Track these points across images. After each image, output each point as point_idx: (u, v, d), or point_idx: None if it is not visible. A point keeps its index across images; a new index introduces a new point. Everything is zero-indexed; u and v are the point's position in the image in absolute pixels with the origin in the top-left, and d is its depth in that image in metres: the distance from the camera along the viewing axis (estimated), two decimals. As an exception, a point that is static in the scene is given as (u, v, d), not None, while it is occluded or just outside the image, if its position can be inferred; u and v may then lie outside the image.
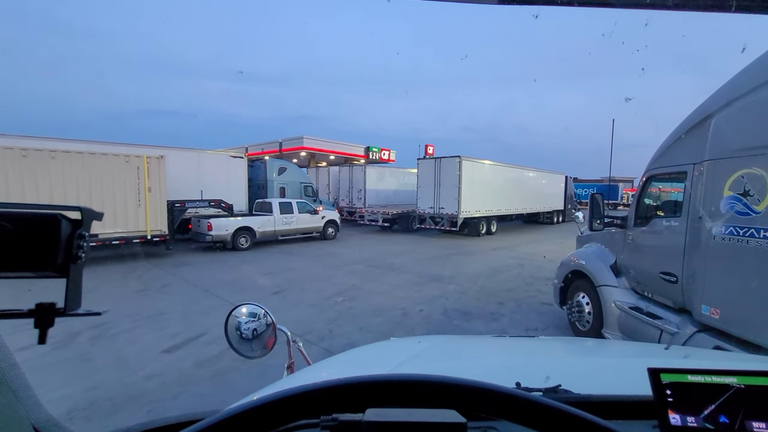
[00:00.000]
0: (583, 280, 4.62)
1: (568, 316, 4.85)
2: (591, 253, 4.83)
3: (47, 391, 3.39)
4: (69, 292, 0.44)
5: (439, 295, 6.84)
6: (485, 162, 16.41)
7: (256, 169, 16.41)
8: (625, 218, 4.20)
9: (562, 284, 5.05)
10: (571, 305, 4.73)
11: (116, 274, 8.31)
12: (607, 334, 4.04)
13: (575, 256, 5.06)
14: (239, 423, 0.40)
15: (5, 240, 0.39)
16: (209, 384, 3.62)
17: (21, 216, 0.41)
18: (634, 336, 3.65)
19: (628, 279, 4.10)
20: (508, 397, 0.43)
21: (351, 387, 0.42)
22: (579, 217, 6.11)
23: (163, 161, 10.46)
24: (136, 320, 5.34)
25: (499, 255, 11.40)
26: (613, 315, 4.03)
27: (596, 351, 1.62)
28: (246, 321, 1.36)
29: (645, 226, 3.79)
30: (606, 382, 1.02)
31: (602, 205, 4.43)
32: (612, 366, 1.28)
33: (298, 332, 4.75)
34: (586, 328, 4.50)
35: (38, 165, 8.55)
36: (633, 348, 1.75)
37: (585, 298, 4.55)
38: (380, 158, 28.07)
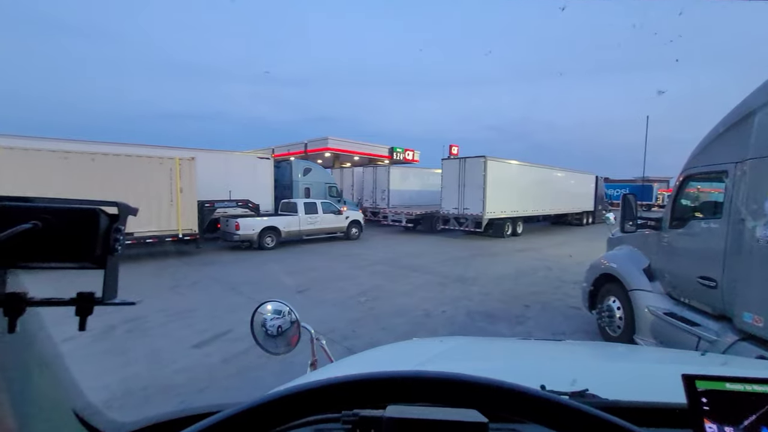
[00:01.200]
0: (614, 284, 4.45)
1: (597, 320, 4.68)
2: (622, 255, 4.64)
3: (86, 380, 3.55)
4: (106, 283, 0.46)
5: (463, 296, 6.75)
6: (511, 162, 16.09)
7: (282, 170, 16.74)
8: (659, 219, 4.01)
9: (592, 288, 4.88)
10: (601, 309, 4.56)
11: (150, 271, 8.68)
12: (640, 340, 3.87)
13: (605, 258, 4.88)
14: (261, 414, 0.41)
15: (49, 233, 0.42)
16: (235, 379, 3.73)
17: (63, 210, 0.43)
18: (669, 343, 3.48)
19: (662, 283, 3.91)
20: (533, 398, 0.42)
21: (372, 382, 0.42)
22: (610, 218, 5.89)
23: (194, 163, 10.86)
24: (167, 315, 5.56)
25: (524, 257, 11.14)
26: (646, 321, 3.86)
27: (627, 356, 1.56)
28: (271, 318, 1.39)
29: (682, 228, 3.61)
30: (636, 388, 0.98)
31: (635, 205, 4.26)
32: (643, 371, 1.22)
33: (321, 331, 4.79)
34: (617, 333, 4.33)
35: (79, 166, 9.06)
36: (667, 354, 1.67)
37: (616, 303, 4.38)
38: (404, 159, 28.01)
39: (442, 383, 0.42)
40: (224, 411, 0.41)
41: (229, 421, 0.40)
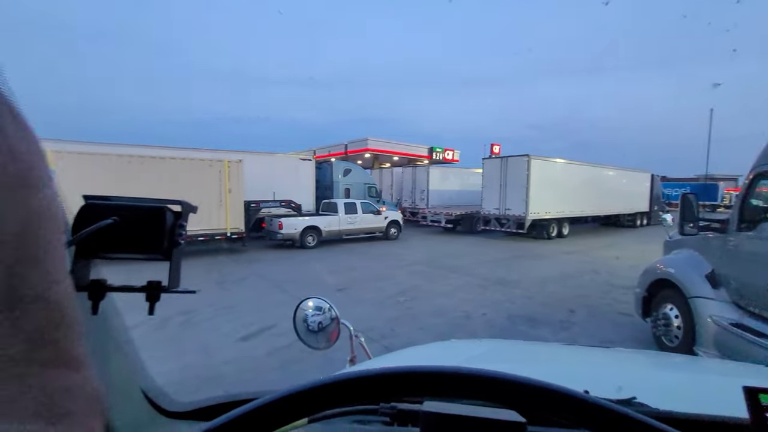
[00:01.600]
0: (671, 290, 4.13)
1: (652, 329, 4.37)
2: (681, 260, 4.30)
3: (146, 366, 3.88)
4: (171, 273, 0.52)
5: (504, 299, 6.57)
6: (556, 160, 15.42)
7: (323, 171, 17.14)
8: (725, 221, 3.68)
9: (646, 294, 4.56)
10: (656, 317, 4.25)
11: (201, 268, 9.24)
12: (701, 351, 3.57)
13: (662, 263, 4.54)
14: (302, 399, 0.43)
15: (125, 228, 0.48)
16: (278, 372, 3.88)
17: (136, 207, 0.49)
18: (734, 356, 3.18)
19: (728, 291, 3.58)
20: (577, 400, 0.40)
21: (411, 375, 0.43)
22: (667, 219, 5.47)
23: (241, 165, 11.43)
24: (216, 309, 5.89)
25: (570, 259, 10.63)
26: (708, 331, 3.55)
27: (683, 366, 1.44)
28: (312, 314, 1.44)
29: (752, 231, 3.28)
30: (692, 400, 0.91)
31: (696, 206, 3.93)
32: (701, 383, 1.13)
33: (359, 329, 4.85)
34: (674, 344, 4.02)
35: (141, 169, 9.89)
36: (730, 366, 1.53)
37: (673, 311, 4.07)
38: (444, 158, 27.70)
39: (481, 380, 0.42)
40: (267, 395, 0.44)
41: (272, 405, 0.43)
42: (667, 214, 5.73)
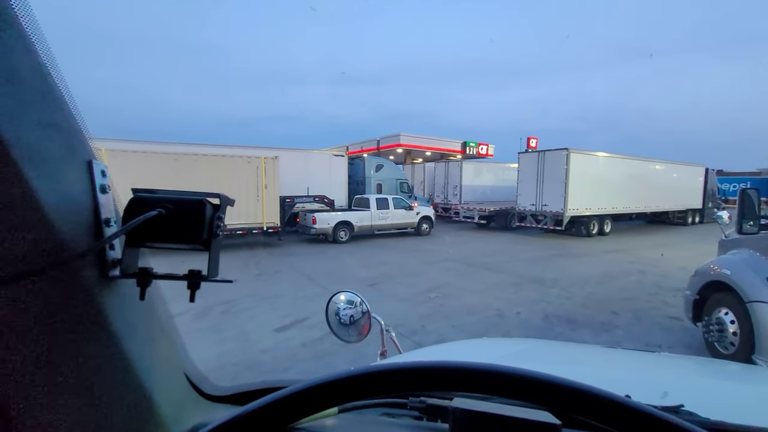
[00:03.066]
0: (726, 294, 3.83)
1: (704, 334, 4.08)
2: (739, 261, 3.97)
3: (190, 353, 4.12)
4: (210, 263, 0.54)
5: (540, 298, 6.36)
6: (599, 154, 14.68)
7: (355, 167, 17.30)
8: (791, 220, 3.35)
9: (697, 296, 4.25)
10: (709, 322, 3.96)
11: (239, 260, 9.63)
12: (761, 361, 3.29)
13: (716, 264, 4.22)
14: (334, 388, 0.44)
15: (168, 219, 0.51)
16: (312, 362, 3.98)
17: (179, 200, 0.52)
18: (801, 367, 2.90)
19: (794, 296, 3.27)
20: (618, 405, 0.38)
21: (443, 370, 0.42)
22: (723, 217, 5.06)
23: (277, 161, 11.77)
24: (254, 300, 6.12)
25: (613, 258, 10.12)
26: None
27: (739, 375, 1.33)
28: (344, 307, 1.46)
29: (823, 231, 2.97)
30: (749, 412, 0.83)
31: (757, 202, 3.61)
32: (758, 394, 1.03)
33: (390, 324, 4.88)
34: (729, 351, 3.73)
35: (185, 166, 10.45)
36: None
37: (729, 315, 3.77)
38: (478, 153, 27.12)
39: (515, 378, 0.41)
40: (300, 383, 0.45)
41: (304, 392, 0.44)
42: (723, 211, 5.29)
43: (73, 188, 0.47)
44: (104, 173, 0.53)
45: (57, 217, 0.42)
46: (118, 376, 0.52)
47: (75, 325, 0.45)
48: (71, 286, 0.44)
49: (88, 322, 0.47)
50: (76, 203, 0.47)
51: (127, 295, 0.54)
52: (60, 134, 0.45)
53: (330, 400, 0.44)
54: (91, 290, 0.47)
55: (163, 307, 0.68)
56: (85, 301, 0.46)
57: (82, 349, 0.46)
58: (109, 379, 0.50)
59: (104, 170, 0.53)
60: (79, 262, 0.45)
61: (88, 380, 0.47)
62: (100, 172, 0.51)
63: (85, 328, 0.46)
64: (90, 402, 0.48)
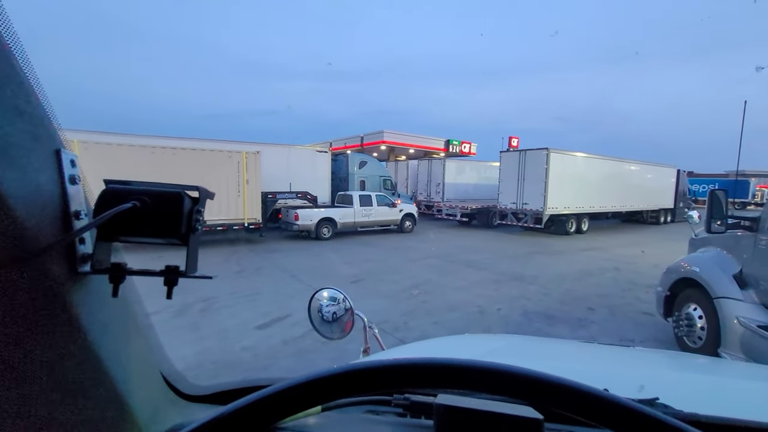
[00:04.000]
0: (695, 290, 3.99)
1: (674, 329, 4.24)
2: (707, 258, 4.14)
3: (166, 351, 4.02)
4: (189, 258, 0.52)
5: (520, 295, 6.49)
6: (577, 154, 15.04)
7: (338, 163, 17.21)
8: (756, 219, 3.52)
9: (668, 293, 4.42)
10: (679, 317, 4.12)
11: (219, 256, 9.45)
12: (726, 354, 3.45)
13: (687, 261, 4.39)
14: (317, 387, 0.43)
15: (144, 212, 0.48)
16: (293, 360, 3.95)
17: (155, 192, 0.50)
18: (762, 359, 3.06)
19: (757, 292, 3.43)
20: (599, 399, 0.39)
21: (427, 367, 0.42)
22: (693, 216, 5.27)
23: (259, 156, 11.58)
24: (235, 298, 6.02)
25: (590, 256, 10.40)
26: (734, 333, 3.42)
27: (709, 368, 1.39)
28: (327, 304, 1.45)
29: (785, 230, 3.13)
30: (719, 404, 0.87)
31: (725, 202, 3.77)
32: (730, 386, 1.08)
33: (373, 321, 4.89)
34: (697, 345, 3.90)
35: (163, 160, 10.15)
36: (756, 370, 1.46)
37: (697, 311, 3.94)
38: (461, 151, 27.41)
39: (497, 374, 0.41)
40: (283, 382, 0.44)
41: (287, 392, 0.43)
42: (693, 211, 5.50)
43: (39, 178, 0.44)
44: (74, 163, 0.50)
45: (21, 209, 0.39)
46: (89, 377, 0.49)
47: (41, 322, 0.43)
48: (37, 281, 0.42)
49: (55, 320, 0.44)
50: (42, 194, 0.44)
51: (99, 292, 0.51)
52: (24, 121, 0.42)
53: (314, 398, 0.43)
54: (60, 286, 0.44)
55: (139, 305, 0.65)
56: (52, 298, 0.43)
57: (49, 348, 0.44)
58: (78, 379, 0.48)
59: (74, 160, 0.50)
60: (46, 256, 0.42)
61: (56, 381, 0.45)
62: (69, 161, 0.49)
63: (52, 326, 0.44)
64: (58, 403, 0.45)
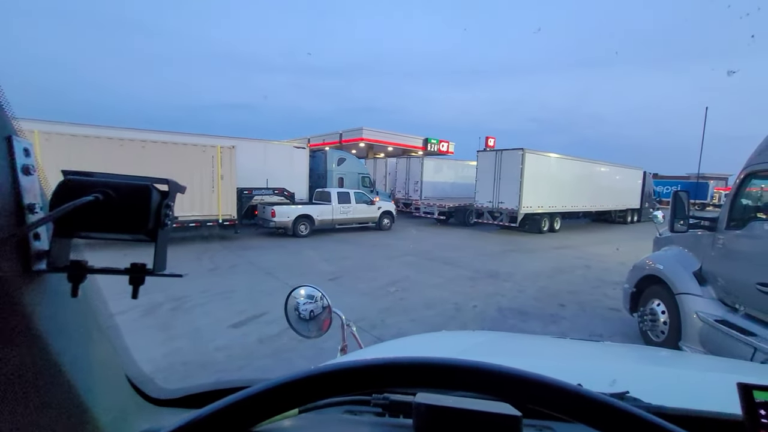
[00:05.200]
0: (659, 286, 4.19)
1: (639, 324, 4.44)
2: (670, 256, 4.36)
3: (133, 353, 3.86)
4: (157, 255, 0.49)
5: (495, 292, 6.63)
6: (551, 155, 15.46)
7: (316, 160, 17.02)
8: (715, 219, 3.72)
9: (634, 289, 4.63)
10: (644, 313, 4.32)
11: (192, 254, 9.17)
12: (686, 347, 3.64)
13: (651, 259, 4.60)
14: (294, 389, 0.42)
15: (108, 206, 0.45)
16: (270, 359, 3.88)
17: (120, 185, 0.46)
18: (719, 352, 3.24)
19: (714, 288, 3.64)
20: (574, 395, 0.40)
21: (406, 367, 0.42)
22: (658, 216, 5.52)
23: (234, 151, 11.28)
24: (208, 296, 5.86)
25: (562, 254, 10.74)
26: (694, 327, 3.62)
27: (673, 362, 1.46)
28: (304, 302, 1.42)
29: (741, 230, 3.32)
30: (684, 395, 0.91)
31: (687, 203, 3.97)
32: (691, 378, 1.14)
33: (351, 319, 4.87)
34: (660, 339, 4.10)
35: (132, 153, 9.71)
36: (719, 363, 1.55)
37: (660, 306, 4.14)
38: (439, 150, 27.67)
39: (475, 372, 0.41)
40: (258, 384, 0.42)
41: (263, 394, 0.41)
42: (658, 211, 5.77)
43: None
44: (28, 152, 0.46)
45: None
46: (46, 382, 0.46)
47: None
48: None
49: (6, 322, 0.41)
50: None
51: (57, 292, 0.48)
52: None
53: (293, 400, 0.42)
54: (11, 286, 0.41)
55: (102, 305, 0.62)
56: (3, 298, 0.40)
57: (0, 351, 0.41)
58: (34, 384, 0.44)
59: (28, 148, 0.46)
60: None
61: (8, 387, 0.42)
62: (22, 150, 0.45)
63: (3, 327, 0.41)
64: (9, 412, 0.42)
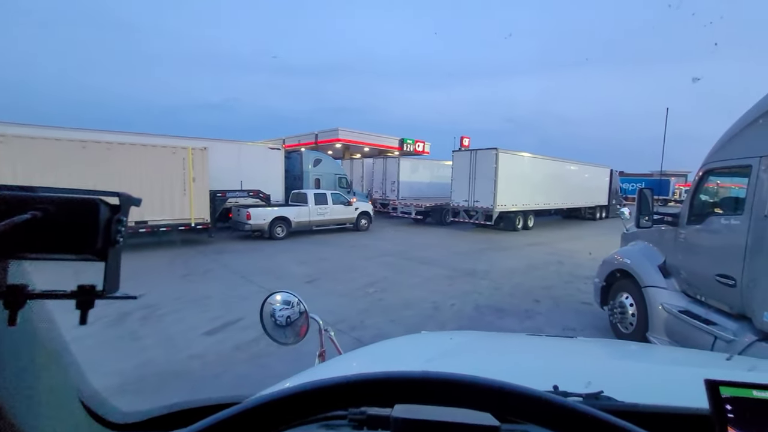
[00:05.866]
0: (628, 280, 4.37)
1: (609, 317, 4.62)
2: (637, 251, 4.55)
3: (101, 365, 3.67)
4: (107, 275, 0.45)
5: (472, 290, 6.73)
6: (523, 154, 15.85)
7: (292, 161, 16.79)
8: (677, 215, 3.91)
9: (604, 283, 4.81)
10: (613, 306, 4.49)
11: (163, 259, 8.85)
12: (653, 338, 3.81)
13: (619, 254, 4.79)
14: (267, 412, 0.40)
15: (49, 223, 0.41)
16: (246, 366, 3.79)
17: (63, 200, 0.42)
18: (683, 342, 3.42)
19: (678, 280, 3.83)
20: (543, 402, 0.40)
21: (381, 382, 0.41)
22: (625, 213, 5.76)
23: (206, 153, 10.97)
24: (181, 303, 5.66)
25: (536, 251, 11.03)
26: (660, 318, 3.79)
27: (644, 356, 1.52)
28: (280, 308, 1.39)
29: (700, 224, 3.51)
30: (655, 391, 0.95)
31: (651, 200, 4.15)
32: (662, 373, 1.19)
33: (329, 321, 4.85)
34: (629, 330, 4.27)
35: (96, 156, 9.22)
36: (686, 355, 1.62)
37: (629, 299, 4.31)
38: (415, 150, 27.85)
39: (450, 384, 0.41)
40: (229, 409, 0.40)
41: (234, 418, 0.39)
42: (625, 207, 6.03)
43: None
44: None
45: None
46: None
47: None
48: None
49: None
50: None
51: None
52: None
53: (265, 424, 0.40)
54: None
55: (50, 326, 0.57)
56: None
57: None
58: None
59: None
60: None
61: None
62: None
63: None
64: None
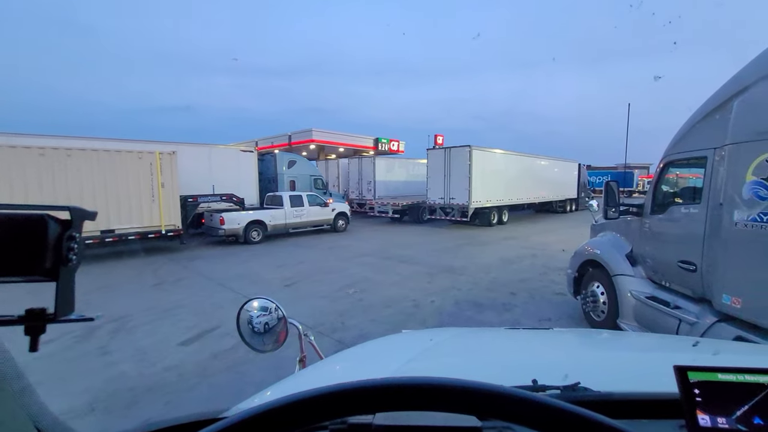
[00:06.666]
0: (598, 270, 4.55)
1: (582, 306, 4.79)
2: (606, 242, 4.74)
3: (67, 384, 3.49)
4: (59, 297, 0.42)
5: (451, 286, 6.82)
6: (496, 151, 16.19)
7: (266, 163, 16.50)
8: (641, 206, 4.10)
9: (576, 274, 4.98)
10: (586, 295, 4.66)
11: (133, 269, 8.49)
12: (623, 324, 3.98)
13: (589, 245, 4.97)
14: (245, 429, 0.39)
15: None
16: (225, 375, 3.69)
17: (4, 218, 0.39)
18: (651, 326, 3.58)
19: (644, 268, 4.01)
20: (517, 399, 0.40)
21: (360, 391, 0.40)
22: (593, 205, 5.99)
23: (175, 157, 10.58)
24: (153, 313, 5.45)
25: (511, 245, 11.29)
26: (629, 305, 3.96)
27: (617, 344, 1.58)
28: (257, 315, 1.36)
29: (662, 214, 3.69)
30: (629, 379, 0.99)
31: (617, 192, 4.33)
32: (635, 361, 1.24)
33: (310, 324, 4.79)
34: (601, 318, 4.44)
35: (55, 163, 8.73)
36: (656, 341, 1.70)
37: (600, 288, 4.48)
38: (389, 149, 27.92)
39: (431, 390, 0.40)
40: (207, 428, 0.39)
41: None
42: (593, 200, 6.26)
43: None
44: None
45: None
46: None
47: None
48: None
49: None
50: None
51: None
52: None
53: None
54: None
55: None
56: None
57: None
58: None
59: None
60: None
61: None
62: None
63: None
64: None
